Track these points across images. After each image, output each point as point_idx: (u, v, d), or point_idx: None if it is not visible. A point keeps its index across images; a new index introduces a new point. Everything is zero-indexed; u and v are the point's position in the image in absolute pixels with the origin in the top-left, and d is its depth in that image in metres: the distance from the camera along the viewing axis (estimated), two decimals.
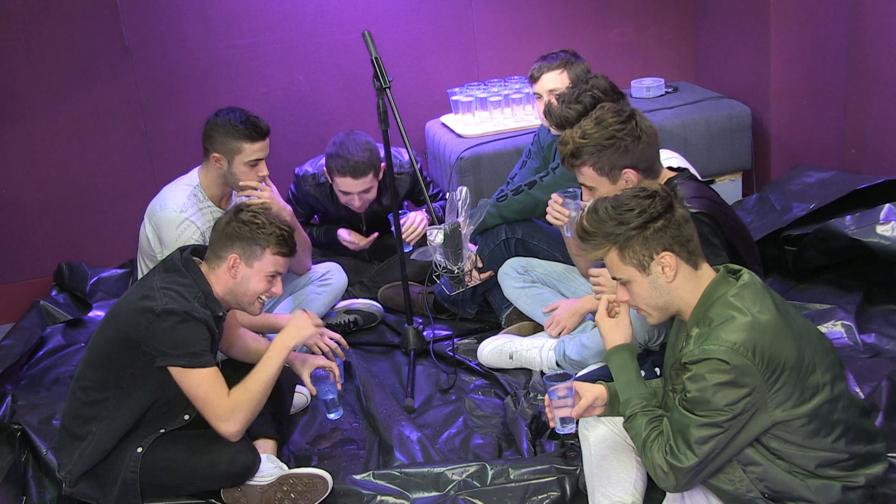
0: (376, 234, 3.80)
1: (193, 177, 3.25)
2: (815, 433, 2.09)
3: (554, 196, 2.95)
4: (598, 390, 2.27)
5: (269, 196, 3.24)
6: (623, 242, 2.11)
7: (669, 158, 3.05)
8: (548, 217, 2.98)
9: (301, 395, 3.14)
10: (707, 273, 2.16)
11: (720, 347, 2.00)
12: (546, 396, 2.29)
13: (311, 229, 3.88)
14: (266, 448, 2.77)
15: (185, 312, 2.49)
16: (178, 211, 3.15)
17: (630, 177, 2.56)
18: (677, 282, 2.12)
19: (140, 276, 3.36)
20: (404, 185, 3.79)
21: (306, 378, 2.85)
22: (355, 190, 3.61)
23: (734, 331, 2.01)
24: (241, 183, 3.20)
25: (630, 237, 2.10)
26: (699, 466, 2.07)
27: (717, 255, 2.50)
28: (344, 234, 3.82)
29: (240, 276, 2.61)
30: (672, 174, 2.70)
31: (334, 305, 3.67)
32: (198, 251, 2.70)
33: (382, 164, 3.59)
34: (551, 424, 2.31)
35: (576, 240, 2.22)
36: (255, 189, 3.22)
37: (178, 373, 2.53)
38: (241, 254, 2.59)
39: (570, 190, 2.94)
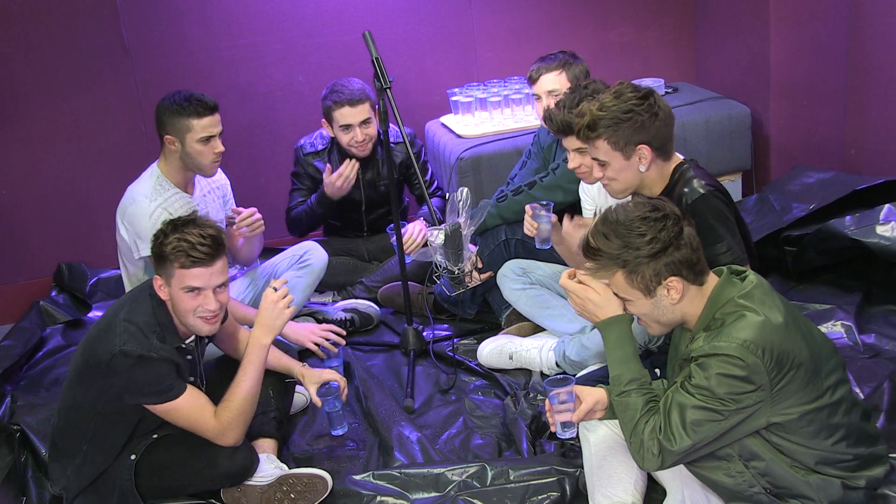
0: (357, 164, 3.73)
1: (153, 168, 3.23)
2: (815, 435, 2.10)
3: (526, 208, 2.98)
4: (598, 394, 2.25)
5: (260, 223, 3.30)
6: (632, 268, 2.08)
7: None
8: (524, 228, 3.02)
9: (301, 395, 3.14)
10: (710, 281, 2.14)
11: (731, 344, 2.00)
12: (547, 401, 2.28)
13: (302, 209, 3.84)
14: (266, 447, 2.77)
15: (140, 356, 2.42)
16: (149, 201, 3.12)
17: (644, 153, 2.53)
18: (682, 302, 2.12)
19: (127, 283, 3.33)
20: (400, 154, 3.84)
21: (313, 393, 2.79)
22: (356, 120, 3.67)
23: (745, 328, 2.01)
24: (235, 222, 3.25)
25: (640, 263, 2.07)
26: (689, 450, 2.06)
27: (733, 233, 2.52)
28: (328, 178, 3.70)
29: (169, 296, 2.51)
30: (680, 159, 2.70)
31: (332, 305, 3.66)
32: None
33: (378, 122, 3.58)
34: (552, 429, 2.30)
35: (579, 255, 2.19)
36: (247, 218, 3.27)
37: (152, 408, 2.51)
38: (162, 274, 2.49)
39: (544, 202, 2.97)
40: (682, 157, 2.73)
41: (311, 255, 3.56)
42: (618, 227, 2.09)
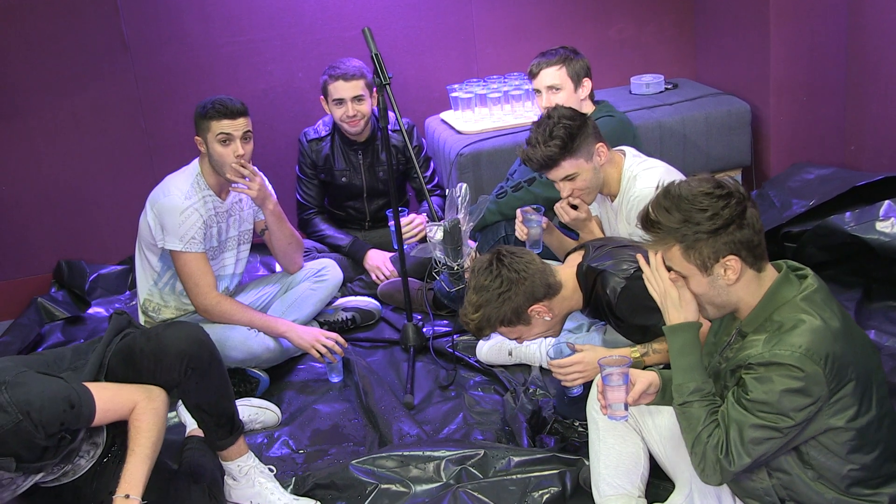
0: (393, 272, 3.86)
1: (195, 166, 3.26)
2: (858, 449, 2.03)
3: (517, 212, 2.98)
4: (650, 377, 2.19)
5: (258, 186, 3.23)
6: (690, 243, 2.01)
7: (644, 163, 3.01)
8: (515, 232, 3.02)
9: (272, 413, 3.12)
10: (769, 273, 2.07)
11: (794, 353, 1.92)
12: (599, 381, 2.20)
13: (329, 238, 3.96)
14: (231, 454, 2.63)
15: None
16: (183, 198, 3.16)
17: (539, 309, 2.53)
18: (738, 284, 2.04)
19: (139, 265, 3.35)
20: (396, 138, 3.90)
21: None
22: (347, 95, 3.75)
23: (804, 334, 1.94)
24: (227, 175, 3.20)
25: (699, 239, 2.00)
26: (750, 466, 2.01)
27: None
28: (372, 260, 3.88)
29: None
30: (578, 256, 2.67)
31: (332, 302, 3.68)
32: None
33: (374, 92, 3.63)
34: (604, 412, 2.20)
35: (638, 226, 2.10)
36: (244, 178, 3.19)
37: None
38: None
39: (536, 206, 2.99)
40: (578, 248, 2.72)
41: (328, 271, 3.63)
42: (680, 201, 2.01)
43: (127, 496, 2.24)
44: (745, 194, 2.02)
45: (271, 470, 2.71)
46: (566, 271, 2.63)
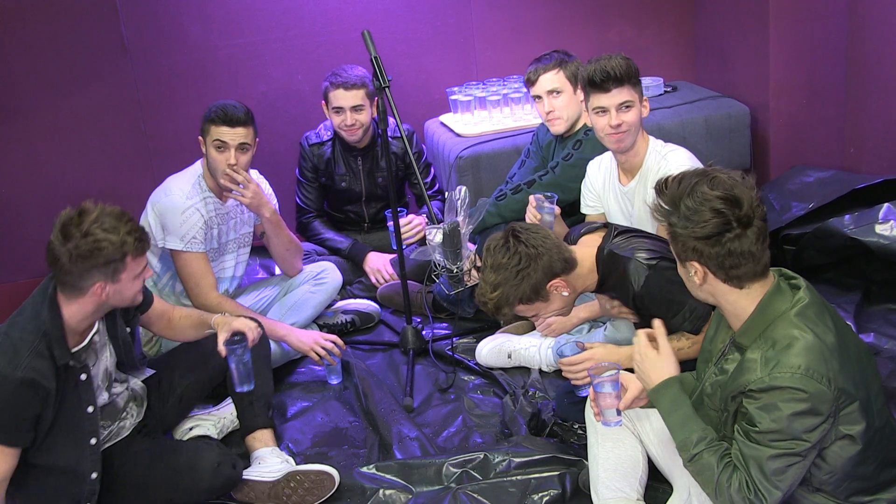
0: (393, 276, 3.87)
1: (197, 167, 3.28)
2: (861, 462, 2.02)
3: (530, 199, 2.97)
4: None
5: (251, 193, 3.22)
6: (672, 234, 2.02)
7: (667, 145, 3.01)
8: (526, 218, 3.01)
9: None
10: (758, 288, 2.02)
11: (794, 375, 1.89)
12: (591, 390, 2.21)
13: (328, 241, 3.98)
14: (265, 439, 2.78)
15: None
16: (184, 198, 3.18)
17: (557, 284, 2.50)
18: (709, 288, 2.03)
19: None
20: (396, 145, 3.92)
21: (221, 342, 2.66)
22: (347, 104, 3.75)
23: (801, 354, 1.91)
24: (220, 181, 3.20)
25: (676, 234, 2.01)
26: (782, 498, 1.98)
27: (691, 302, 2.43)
28: (372, 263, 3.89)
29: (111, 293, 2.40)
30: (597, 237, 2.64)
31: (331, 305, 3.68)
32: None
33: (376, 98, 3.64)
34: (597, 419, 2.21)
35: (653, 187, 2.09)
36: (237, 185, 3.18)
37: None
38: (104, 277, 2.36)
39: (549, 194, 2.97)
40: (593, 227, 2.69)
41: (328, 274, 3.63)
42: (685, 197, 1.99)
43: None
44: (749, 221, 1.96)
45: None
46: (583, 250, 2.60)
